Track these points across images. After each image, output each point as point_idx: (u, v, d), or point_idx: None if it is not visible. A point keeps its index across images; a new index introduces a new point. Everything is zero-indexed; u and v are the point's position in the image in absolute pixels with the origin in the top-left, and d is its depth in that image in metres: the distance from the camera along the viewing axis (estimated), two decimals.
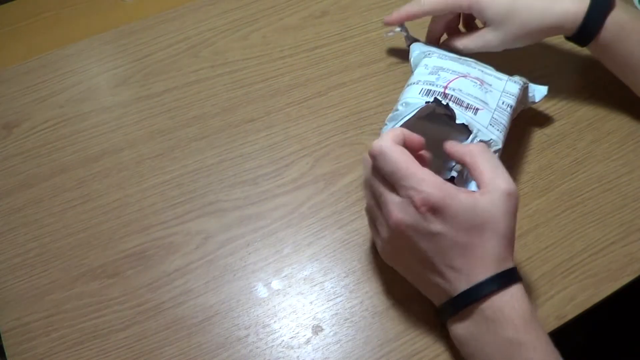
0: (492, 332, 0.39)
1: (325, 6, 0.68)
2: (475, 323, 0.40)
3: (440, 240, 0.39)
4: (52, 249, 0.51)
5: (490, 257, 0.39)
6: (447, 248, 0.39)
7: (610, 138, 0.57)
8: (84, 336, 0.46)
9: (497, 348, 0.39)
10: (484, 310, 0.39)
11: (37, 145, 0.57)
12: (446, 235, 0.39)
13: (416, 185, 0.39)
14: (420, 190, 0.38)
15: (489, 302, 0.39)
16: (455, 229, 0.39)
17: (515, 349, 0.38)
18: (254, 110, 0.59)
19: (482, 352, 0.40)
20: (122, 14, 0.69)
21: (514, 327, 0.38)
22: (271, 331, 0.47)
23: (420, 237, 0.40)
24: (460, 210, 0.39)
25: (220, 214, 0.53)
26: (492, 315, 0.39)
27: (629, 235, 0.51)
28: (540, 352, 0.38)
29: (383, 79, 0.61)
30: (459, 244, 0.39)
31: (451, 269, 0.40)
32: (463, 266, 0.39)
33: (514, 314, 0.39)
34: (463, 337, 0.41)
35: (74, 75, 0.63)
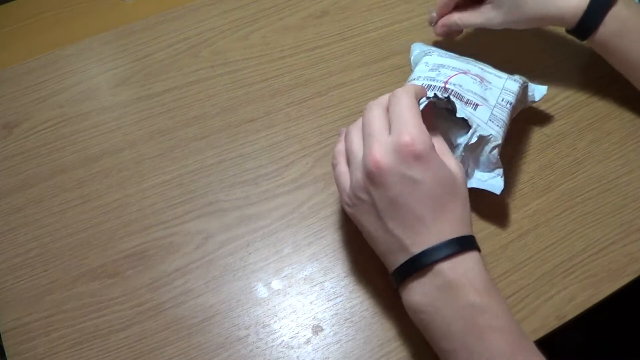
0: (453, 297, 0.38)
1: (325, 6, 0.68)
2: (436, 287, 0.38)
3: (416, 189, 0.39)
4: (52, 249, 0.51)
5: (458, 219, 0.40)
6: (421, 198, 0.39)
7: (610, 138, 0.57)
8: (84, 336, 0.46)
9: (458, 313, 0.38)
10: (445, 272, 0.38)
11: (37, 145, 0.57)
12: (423, 184, 0.39)
13: (414, 129, 0.39)
14: (414, 134, 0.39)
15: (450, 264, 0.38)
16: (433, 181, 0.39)
17: (477, 314, 0.37)
18: (254, 110, 0.59)
19: (440, 319, 0.38)
20: (122, 14, 0.69)
21: (477, 292, 0.38)
22: (271, 331, 0.47)
23: (396, 182, 0.39)
24: (440, 165, 0.40)
25: (220, 214, 0.53)
26: (455, 279, 0.38)
27: (629, 235, 0.51)
28: (503, 319, 0.38)
29: (383, 79, 0.61)
30: (433, 197, 0.39)
31: (419, 222, 0.39)
32: (432, 221, 0.39)
33: (476, 279, 0.38)
34: (420, 304, 0.39)
35: (74, 75, 0.63)
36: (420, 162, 0.39)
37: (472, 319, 0.37)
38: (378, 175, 0.39)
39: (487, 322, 0.37)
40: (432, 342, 0.40)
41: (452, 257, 0.38)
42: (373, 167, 0.39)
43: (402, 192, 0.39)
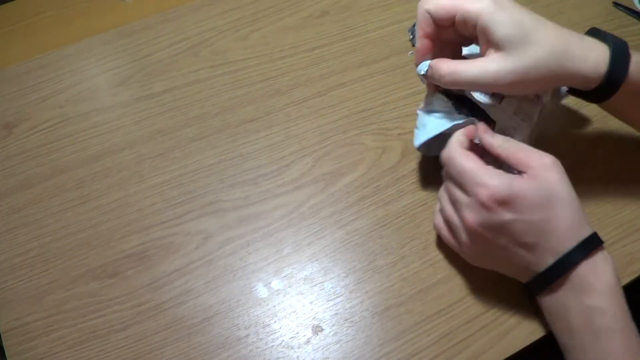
0: (577, 300, 0.40)
1: (325, 6, 0.68)
2: (562, 292, 0.41)
3: (515, 227, 0.41)
4: (52, 249, 0.51)
5: (567, 227, 0.41)
6: (524, 232, 0.41)
7: (610, 138, 0.57)
8: (84, 336, 0.46)
9: (579, 314, 0.40)
10: (571, 279, 0.40)
11: (37, 145, 0.57)
12: (518, 220, 0.40)
13: (480, 182, 0.41)
14: (485, 186, 0.41)
15: (575, 270, 0.40)
16: (525, 212, 0.40)
17: (596, 316, 0.39)
18: (254, 110, 0.59)
19: (564, 319, 0.41)
20: (122, 14, 0.69)
21: (597, 294, 0.40)
22: (271, 331, 0.47)
23: (497, 231, 0.41)
24: (524, 193, 0.40)
25: (220, 214, 0.53)
26: (578, 284, 0.40)
27: (629, 235, 0.51)
28: (619, 321, 0.40)
29: (383, 79, 0.61)
30: (533, 223, 0.40)
31: (534, 248, 0.41)
32: (545, 242, 0.41)
33: (597, 282, 0.40)
34: (550, 307, 0.43)
35: (74, 75, 0.63)
36: (509, 204, 0.40)
37: (591, 320, 0.40)
38: (481, 233, 0.42)
39: (604, 324, 0.39)
40: (557, 336, 0.43)
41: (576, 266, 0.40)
42: (473, 230, 0.42)
43: (509, 235, 0.41)
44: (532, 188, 0.41)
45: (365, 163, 0.55)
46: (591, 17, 0.66)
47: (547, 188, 0.41)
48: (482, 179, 0.41)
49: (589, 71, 0.43)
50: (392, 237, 0.51)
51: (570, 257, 0.40)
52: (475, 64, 0.43)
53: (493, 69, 0.42)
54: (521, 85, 0.43)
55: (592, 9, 0.67)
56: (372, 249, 0.50)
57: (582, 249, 0.41)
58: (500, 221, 0.41)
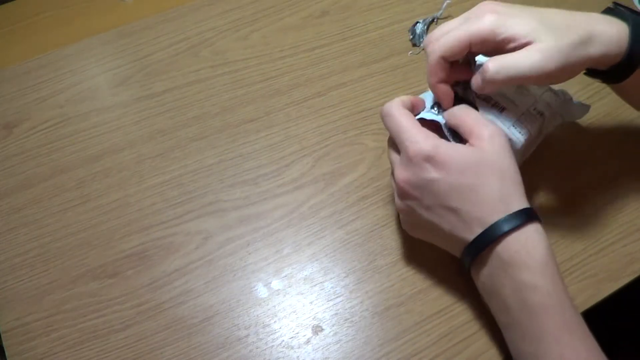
0: (508, 275, 0.39)
1: (325, 6, 0.68)
2: (493, 267, 0.40)
3: (440, 187, 0.40)
4: (52, 249, 0.51)
5: (497, 198, 0.40)
6: (449, 193, 0.40)
7: (610, 138, 0.57)
8: (84, 336, 0.46)
9: (512, 291, 0.39)
10: (500, 253, 0.40)
11: (37, 145, 0.57)
12: (443, 180, 0.40)
13: (411, 138, 0.41)
14: (413, 142, 0.41)
15: (504, 243, 0.39)
16: (451, 173, 0.40)
17: (529, 292, 0.38)
18: (254, 110, 0.59)
19: (498, 296, 0.41)
20: (122, 14, 0.69)
21: (528, 269, 0.39)
22: (271, 331, 0.47)
23: (422, 189, 0.41)
24: (451, 154, 0.40)
25: (220, 214, 0.53)
26: (508, 258, 0.39)
27: (629, 235, 0.51)
28: (554, 298, 0.38)
29: (383, 79, 0.61)
30: (458, 186, 0.40)
31: (460, 214, 0.41)
32: (472, 209, 0.40)
33: (529, 257, 0.39)
34: (482, 283, 0.42)
35: (74, 75, 0.63)
36: (433, 162, 0.40)
37: (524, 297, 0.39)
38: (408, 191, 0.42)
39: (537, 300, 0.38)
40: (494, 314, 0.43)
41: (504, 237, 0.39)
42: (400, 187, 0.43)
43: (433, 195, 0.41)
44: (461, 152, 0.40)
45: (365, 163, 0.55)
46: None
47: (481, 156, 0.40)
48: (414, 136, 0.41)
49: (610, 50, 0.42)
50: (392, 237, 0.51)
51: (496, 227, 0.39)
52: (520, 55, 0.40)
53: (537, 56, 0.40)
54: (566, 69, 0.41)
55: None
56: (372, 249, 0.50)
57: (511, 221, 0.39)
58: (425, 178, 0.41)
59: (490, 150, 0.41)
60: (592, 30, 0.41)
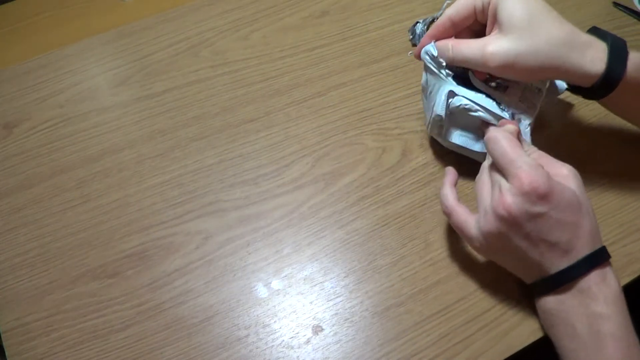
0: (583, 305, 0.41)
1: (325, 6, 0.68)
2: (569, 297, 0.42)
3: (546, 220, 0.41)
4: (52, 249, 0.51)
5: (588, 234, 0.41)
6: (554, 228, 0.41)
7: (610, 138, 0.57)
8: (84, 336, 0.46)
9: (582, 319, 0.41)
10: (580, 285, 0.41)
11: (37, 145, 0.57)
12: (552, 215, 0.40)
13: (524, 168, 0.41)
14: (528, 174, 0.40)
15: (585, 277, 0.41)
16: (559, 208, 0.41)
17: (601, 321, 0.40)
18: (254, 110, 0.59)
19: (566, 322, 0.42)
20: (122, 14, 0.69)
21: (604, 302, 0.40)
22: (271, 331, 0.47)
23: (530, 219, 0.41)
24: (562, 190, 0.41)
25: (220, 214, 0.53)
26: (587, 289, 0.41)
27: (629, 235, 0.51)
28: (623, 330, 0.40)
29: (383, 79, 0.61)
30: (562, 222, 0.41)
31: (555, 247, 0.41)
32: (567, 243, 0.41)
33: (606, 289, 0.41)
34: (552, 309, 0.43)
35: (74, 75, 0.63)
36: (545, 198, 0.40)
37: (596, 325, 0.40)
38: (513, 219, 0.41)
39: (608, 329, 0.40)
40: (556, 338, 0.43)
41: (588, 272, 0.41)
42: (507, 213, 0.41)
43: (536, 227, 0.41)
44: (567, 189, 0.41)
45: (365, 163, 0.55)
46: (591, 17, 0.67)
47: (579, 194, 0.42)
48: (524, 166, 0.41)
49: (588, 67, 0.44)
50: (392, 237, 0.51)
51: (585, 263, 0.41)
52: (476, 43, 0.45)
53: (490, 49, 0.44)
54: (514, 69, 0.44)
55: (592, 9, 0.67)
56: (372, 249, 0.50)
57: (596, 258, 0.41)
58: (534, 211, 0.41)
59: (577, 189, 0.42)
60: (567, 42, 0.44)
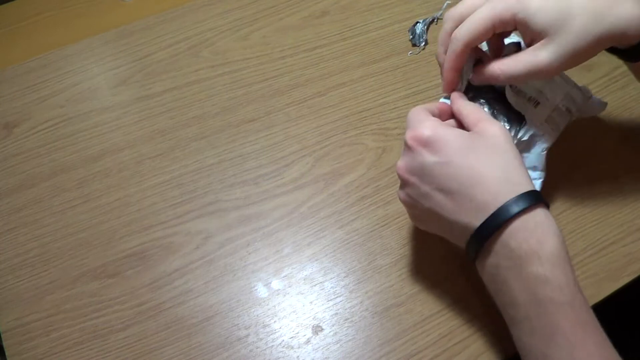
0: (517, 266, 0.37)
1: (325, 6, 0.68)
2: (500, 257, 0.38)
3: (438, 170, 0.39)
4: (52, 249, 0.51)
5: (499, 178, 0.38)
6: (449, 175, 0.38)
7: (610, 138, 0.57)
8: (84, 336, 0.46)
9: (521, 283, 0.37)
10: (507, 241, 0.37)
11: (37, 145, 0.57)
12: (441, 162, 0.39)
13: (411, 125, 0.41)
14: (412, 129, 0.41)
15: (511, 230, 0.37)
16: (448, 153, 0.39)
17: (539, 285, 0.36)
18: (254, 110, 0.59)
19: (506, 289, 0.38)
20: (122, 14, 0.69)
21: (539, 261, 0.36)
22: (271, 331, 0.47)
23: (419, 175, 0.40)
24: (449, 137, 0.39)
25: (220, 214, 0.53)
26: (517, 247, 0.37)
27: (629, 235, 0.51)
28: (566, 292, 0.36)
29: (383, 79, 0.61)
30: (459, 167, 0.38)
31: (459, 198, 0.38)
32: (472, 192, 0.38)
33: (539, 246, 0.36)
34: (489, 275, 0.39)
35: (74, 75, 0.63)
36: (430, 145, 0.39)
37: (535, 291, 0.36)
38: (407, 179, 0.41)
39: (548, 294, 0.36)
40: (501, 308, 0.40)
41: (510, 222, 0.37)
42: (400, 176, 0.41)
43: (431, 180, 0.40)
44: (460, 134, 0.39)
45: (365, 163, 0.55)
46: None
47: (480, 138, 0.39)
48: (416, 123, 0.40)
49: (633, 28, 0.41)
50: (392, 237, 0.51)
51: (503, 211, 0.37)
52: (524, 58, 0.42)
53: (543, 58, 0.41)
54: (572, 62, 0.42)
55: None
56: (372, 249, 0.50)
57: (518, 203, 0.37)
58: (421, 162, 0.40)
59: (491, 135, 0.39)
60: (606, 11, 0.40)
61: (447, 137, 0.39)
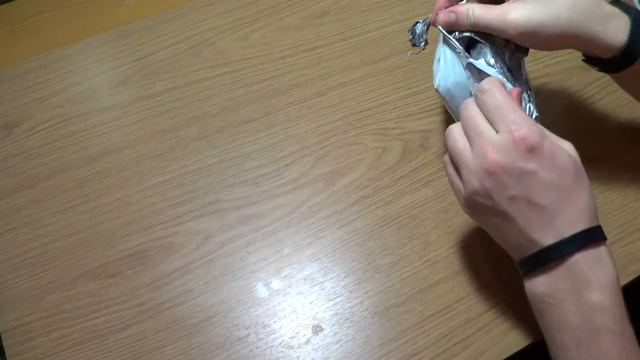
0: (576, 291, 0.37)
1: (325, 6, 0.68)
2: (560, 278, 0.38)
3: (534, 180, 0.37)
4: (52, 249, 0.51)
5: (583, 208, 0.38)
6: (544, 189, 0.38)
7: (610, 138, 0.57)
8: (84, 336, 0.46)
9: (577, 308, 0.37)
10: (571, 266, 0.37)
11: (37, 145, 0.57)
12: (542, 174, 0.37)
13: (519, 120, 0.38)
14: (521, 125, 0.37)
15: (577, 257, 0.37)
16: (551, 170, 0.37)
17: (597, 313, 0.36)
18: (254, 110, 0.59)
19: (558, 311, 0.38)
20: (122, 14, 0.69)
21: (600, 289, 0.37)
22: (271, 331, 0.47)
23: (514, 177, 0.38)
24: (555, 151, 0.38)
25: (220, 214, 0.53)
26: (580, 273, 0.37)
27: (629, 235, 0.51)
28: (619, 322, 0.37)
29: (383, 79, 0.61)
30: (556, 185, 0.37)
31: (543, 213, 0.38)
32: (559, 210, 0.37)
33: (602, 275, 0.37)
34: (542, 294, 0.39)
35: (74, 75, 0.63)
36: (537, 153, 0.37)
37: (590, 317, 0.37)
38: (498, 176, 0.38)
39: (603, 322, 0.36)
40: (547, 332, 0.40)
41: (579, 251, 0.37)
42: (492, 168, 0.38)
43: (524, 187, 0.38)
44: (563, 152, 0.38)
45: (365, 163, 0.55)
46: None
47: (575, 163, 0.38)
48: (520, 118, 0.38)
49: (609, 38, 0.42)
50: (392, 237, 0.51)
51: (576, 240, 0.37)
52: (497, 9, 0.43)
53: (511, 16, 0.42)
54: (535, 37, 0.42)
55: None
56: (372, 249, 0.50)
57: (589, 236, 0.37)
58: (523, 167, 0.37)
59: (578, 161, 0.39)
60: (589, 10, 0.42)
61: (552, 150, 0.38)
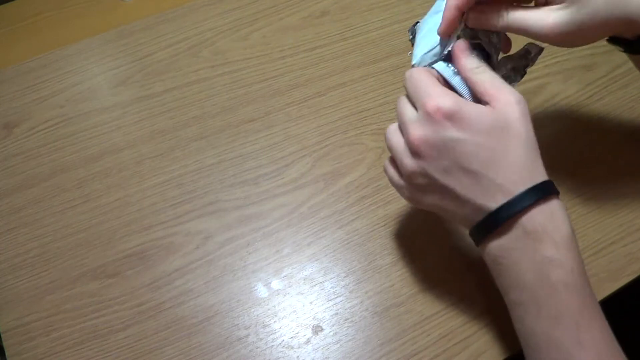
0: (530, 249, 0.37)
1: (325, 6, 0.68)
2: (513, 238, 0.37)
3: (460, 147, 0.37)
4: (52, 249, 0.51)
5: (520, 166, 0.37)
6: (470, 155, 0.37)
7: (610, 138, 0.57)
8: (84, 336, 0.46)
9: (532, 266, 0.37)
10: (524, 224, 0.37)
11: (37, 145, 0.57)
12: (466, 140, 0.37)
13: (431, 93, 0.38)
14: (433, 98, 0.38)
15: (529, 215, 0.37)
16: (473, 133, 0.37)
17: (552, 268, 0.36)
18: (254, 110, 0.59)
19: (514, 270, 0.38)
20: (122, 14, 0.69)
21: (555, 245, 0.36)
22: (271, 331, 0.47)
23: (440, 149, 0.38)
24: (474, 114, 0.38)
25: (220, 214, 0.53)
26: (533, 230, 0.37)
27: (628, 235, 0.51)
28: (576, 277, 0.37)
29: (383, 79, 0.61)
30: (481, 147, 0.37)
31: (480, 179, 0.37)
32: (493, 175, 0.37)
33: (555, 231, 0.37)
34: (496, 255, 0.39)
35: (74, 75, 0.63)
36: (456, 119, 0.37)
37: (546, 273, 0.36)
38: (424, 151, 0.38)
39: (560, 277, 0.36)
40: (503, 291, 0.40)
41: (530, 209, 0.37)
42: (416, 146, 0.38)
43: (453, 156, 0.38)
44: (484, 113, 0.38)
45: (365, 163, 0.55)
46: None
47: (504, 120, 0.38)
48: (434, 91, 0.38)
49: None
50: (392, 237, 0.51)
51: (524, 197, 0.37)
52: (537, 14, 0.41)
53: (552, 20, 0.40)
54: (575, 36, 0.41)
55: None
56: (372, 249, 0.50)
57: (537, 192, 0.37)
58: (444, 136, 0.37)
59: (514, 116, 0.38)
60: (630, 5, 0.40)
61: (471, 113, 0.38)
